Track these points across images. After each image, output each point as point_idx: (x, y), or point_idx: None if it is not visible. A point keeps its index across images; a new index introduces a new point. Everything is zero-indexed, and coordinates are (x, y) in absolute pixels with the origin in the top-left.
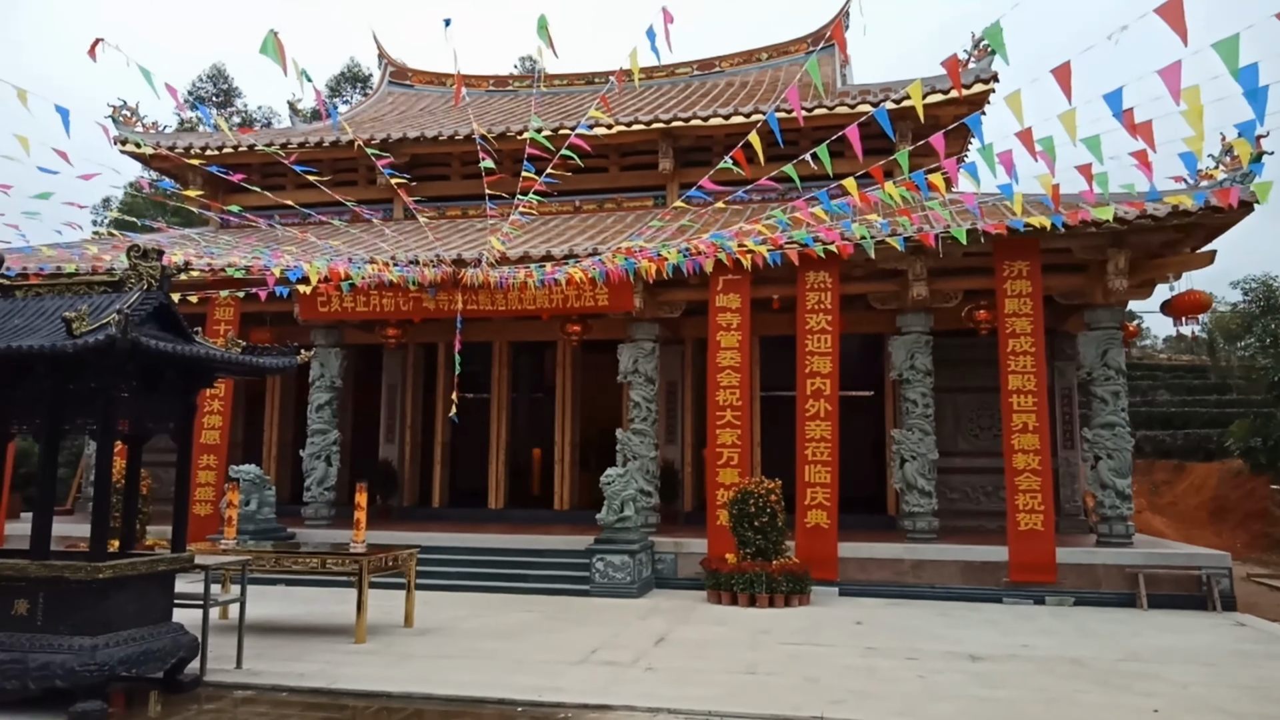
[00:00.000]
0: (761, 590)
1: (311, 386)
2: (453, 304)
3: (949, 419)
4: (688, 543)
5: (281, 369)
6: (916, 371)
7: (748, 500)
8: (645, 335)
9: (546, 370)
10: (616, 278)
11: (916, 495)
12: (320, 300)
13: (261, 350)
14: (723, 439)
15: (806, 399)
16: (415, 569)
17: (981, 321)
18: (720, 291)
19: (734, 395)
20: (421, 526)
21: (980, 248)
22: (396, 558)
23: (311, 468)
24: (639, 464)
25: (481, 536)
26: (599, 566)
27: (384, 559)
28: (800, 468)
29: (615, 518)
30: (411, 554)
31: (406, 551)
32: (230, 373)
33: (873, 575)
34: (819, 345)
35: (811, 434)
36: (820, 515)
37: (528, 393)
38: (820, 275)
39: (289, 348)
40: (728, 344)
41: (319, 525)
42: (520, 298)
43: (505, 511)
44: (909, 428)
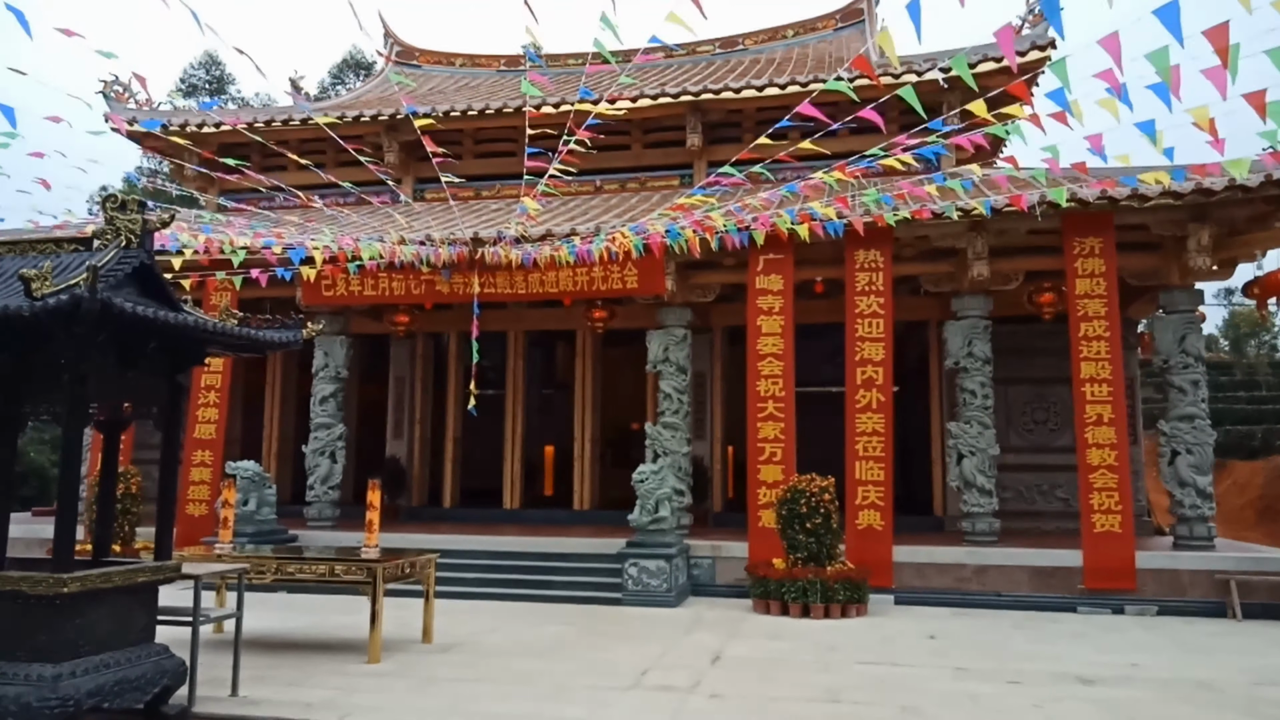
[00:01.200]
0: (816, 599)
1: (315, 377)
2: (468, 287)
3: (1000, 412)
4: (726, 546)
5: (284, 344)
6: (974, 359)
7: (798, 500)
8: (676, 321)
9: (563, 363)
10: (656, 247)
11: (976, 494)
12: (325, 284)
13: (262, 323)
14: (764, 433)
15: (857, 389)
16: (434, 575)
17: (1045, 305)
18: (761, 273)
19: (776, 385)
20: (432, 528)
21: (1046, 224)
22: (414, 564)
23: (315, 465)
24: (670, 460)
25: (499, 539)
26: (632, 572)
27: (401, 565)
28: (850, 464)
29: (649, 519)
30: (430, 560)
31: (425, 557)
32: (225, 348)
33: (931, 582)
34: (870, 330)
35: (863, 427)
36: (873, 516)
37: (544, 386)
38: (871, 254)
39: (294, 320)
40: (769, 329)
41: (323, 526)
42: (542, 280)
43: (521, 512)
44: (966, 420)
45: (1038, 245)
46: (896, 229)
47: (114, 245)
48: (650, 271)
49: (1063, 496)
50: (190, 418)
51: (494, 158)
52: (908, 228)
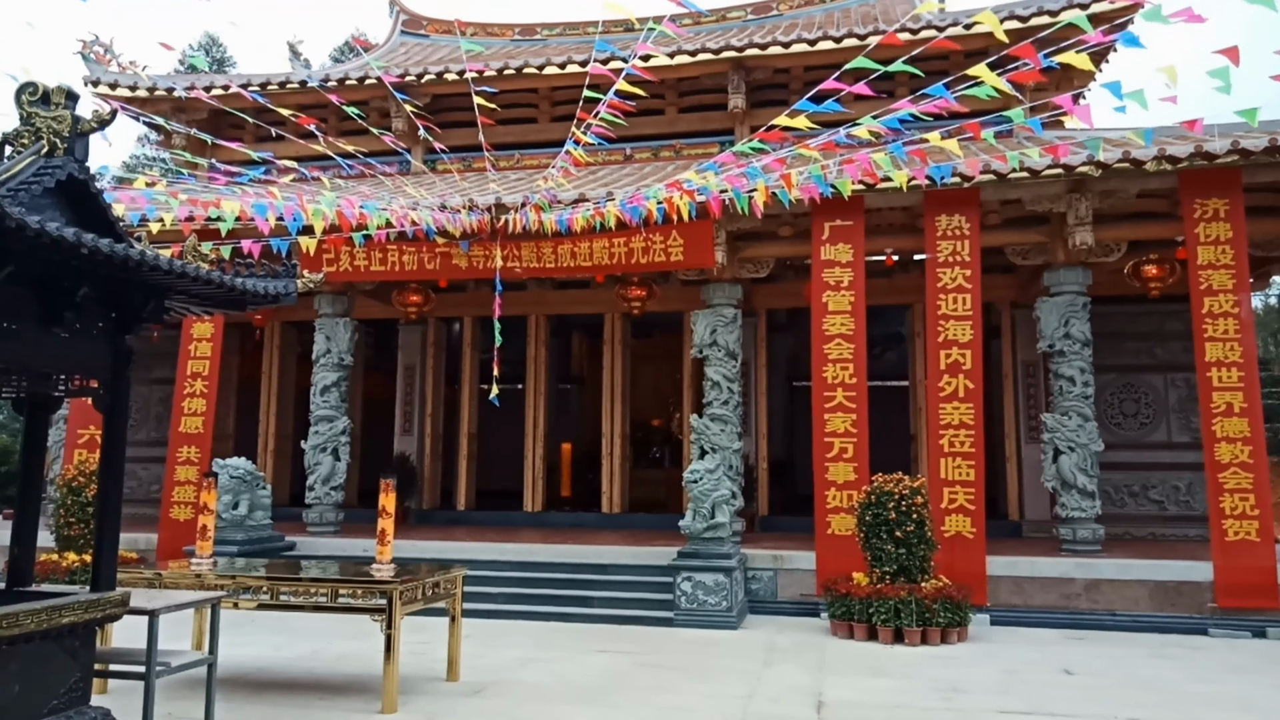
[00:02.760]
0: (911, 622)
1: (316, 364)
2: (489, 261)
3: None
4: (789, 556)
5: (273, 298)
6: (1072, 341)
7: (885, 503)
8: (726, 299)
9: (590, 352)
10: (714, 205)
11: (1076, 496)
12: (327, 257)
13: (242, 269)
14: (832, 426)
15: (940, 375)
16: (461, 595)
17: (1152, 280)
18: (827, 241)
19: (846, 371)
20: (446, 533)
21: (1160, 185)
22: (439, 584)
23: (316, 462)
24: (720, 457)
25: (523, 547)
26: (685, 588)
27: (422, 586)
28: (934, 462)
29: (704, 525)
30: (457, 577)
31: (452, 574)
32: (193, 300)
33: (1032, 599)
34: (955, 307)
35: (948, 419)
36: (963, 522)
37: (568, 378)
38: (955, 220)
39: (286, 266)
40: (837, 307)
41: (325, 532)
42: (573, 252)
43: (544, 515)
44: (1064, 411)
45: (1146, 211)
46: (984, 191)
47: (31, 152)
48: (698, 241)
49: (1156, 499)
50: (175, 409)
51: (513, 124)
52: (997, 189)
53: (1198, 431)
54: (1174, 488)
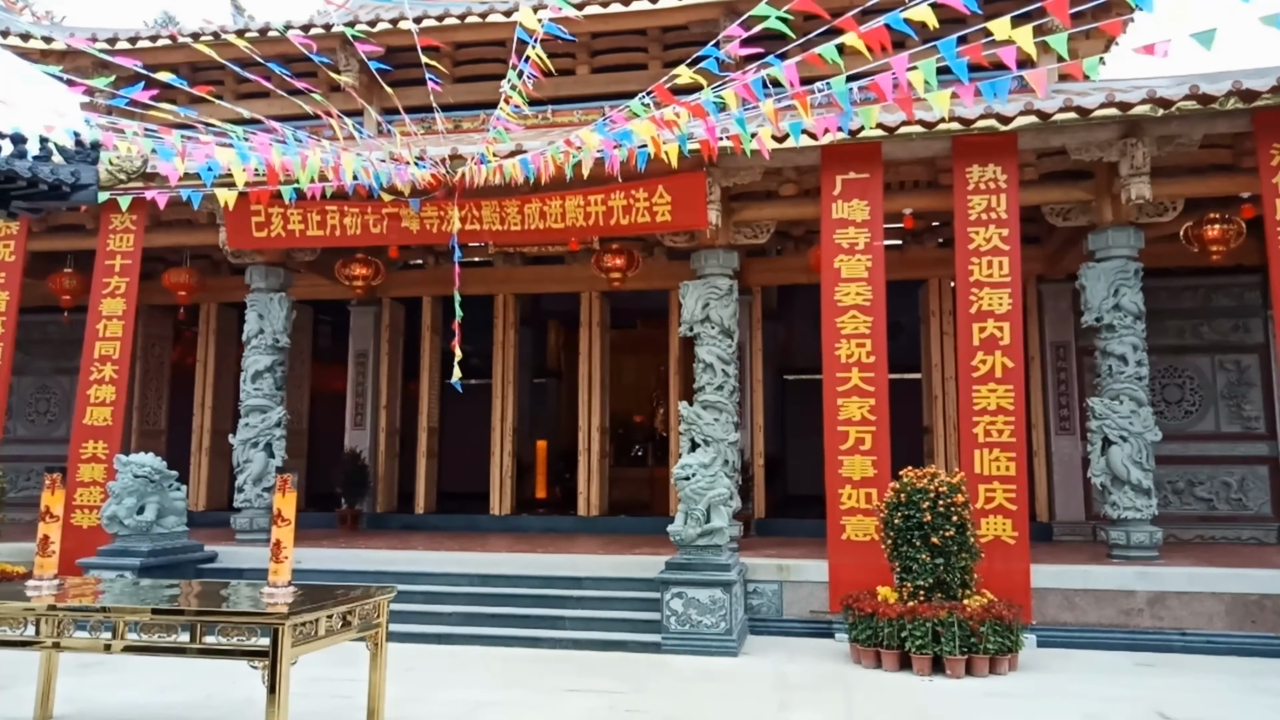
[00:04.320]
0: (953, 648)
1: (246, 347)
2: (445, 223)
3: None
4: (796, 565)
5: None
6: (1123, 313)
7: (917, 504)
8: (720, 268)
9: (565, 338)
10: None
11: (1130, 494)
12: (256, 219)
13: None
14: (847, 412)
15: (973, 353)
16: (388, 616)
17: (1213, 244)
18: (839, 198)
19: (863, 349)
20: (401, 540)
21: (1227, 128)
22: (351, 611)
23: (245, 459)
24: (716, 451)
25: (488, 556)
26: (676, 606)
27: (321, 620)
28: (966, 455)
29: (698, 530)
30: (382, 602)
31: (374, 599)
32: None
33: (1085, 615)
34: (990, 273)
35: (983, 403)
36: (1002, 525)
37: (540, 367)
38: (989, 172)
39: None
40: (852, 273)
41: (256, 540)
42: (542, 212)
43: (513, 519)
44: (1114, 395)
45: (1208, 164)
46: (1022, 138)
47: None
48: (689, 199)
49: (1204, 496)
50: (80, 398)
51: (479, 81)
52: (1038, 135)
53: (1250, 420)
54: (1223, 484)
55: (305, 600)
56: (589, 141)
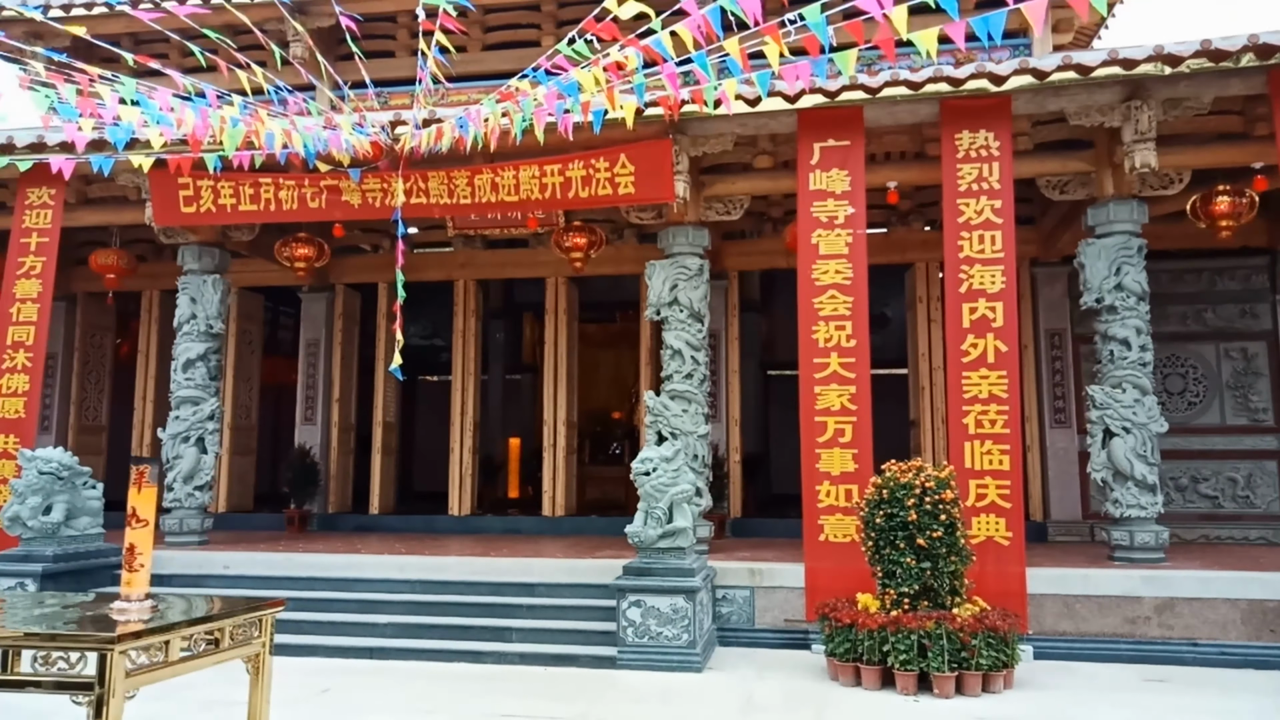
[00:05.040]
0: (941, 665)
1: (178, 334)
2: (389, 196)
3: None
4: (769, 569)
5: None
6: (1126, 294)
7: (901, 500)
8: (689, 247)
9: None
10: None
11: (1133, 490)
12: (183, 193)
13: None
14: (825, 401)
15: (963, 336)
16: (272, 641)
17: (1222, 219)
18: (817, 167)
19: (842, 332)
20: (348, 543)
21: (1240, 90)
22: (219, 630)
23: (175, 455)
24: (682, 444)
25: (432, 561)
26: (633, 615)
27: (171, 642)
28: (956, 447)
29: (659, 531)
30: (265, 617)
31: (256, 613)
32: None
33: (1086, 624)
34: (982, 248)
35: (973, 391)
36: (995, 524)
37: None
38: (981, 138)
39: None
40: (831, 249)
41: (186, 544)
42: (495, 183)
43: (474, 520)
44: (1116, 383)
45: (1217, 131)
46: (1016, 102)
47: None
48: (653, 169)
49: (1208, 493)
50: None
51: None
52: (1034, 99)
53: (1258, 412)
54: (1229, 480)
55: (160, 618)
56: (533, 97)
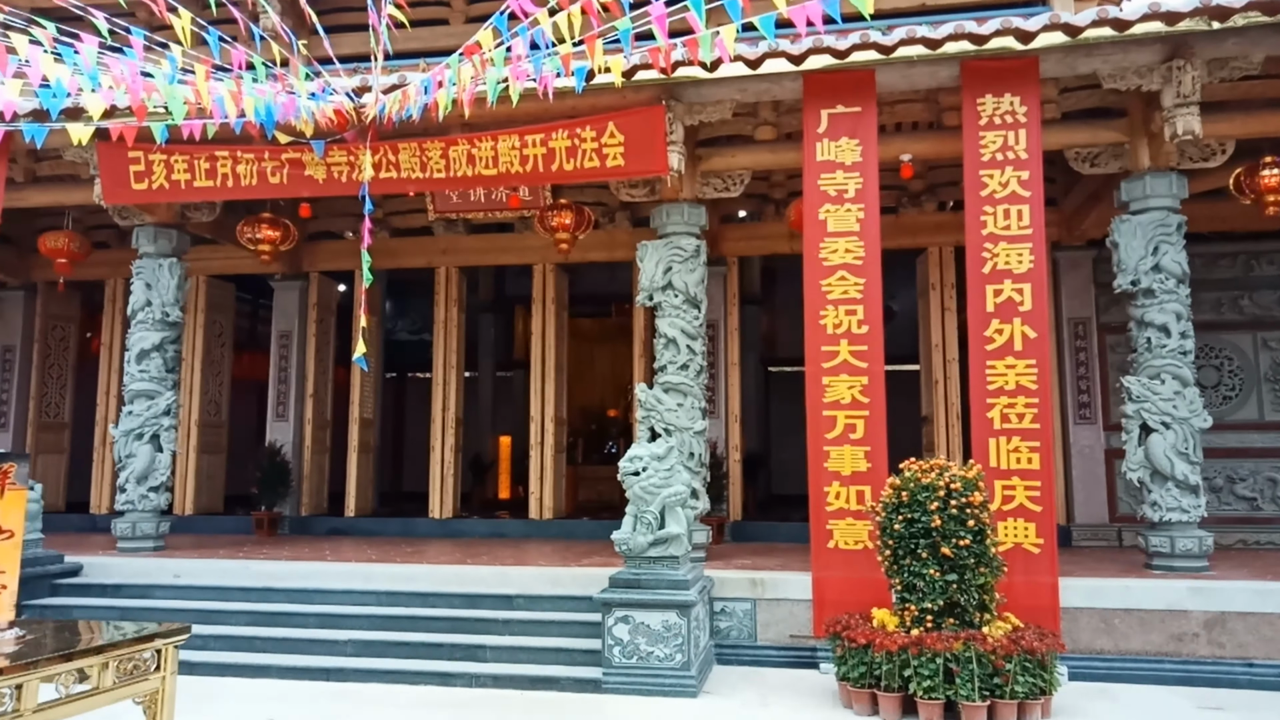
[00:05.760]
0: (971, 692)
1: (132, 321)
2: (356, 170)
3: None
4: (773, 580)
5: None
6: (1165, 275)
7: (923, 503)
8: (684, 226)
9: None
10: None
11: (1174, 491)
12: (134, 168)
13: None
14: (834, 393)
15: (987, 321)
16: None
17: (1270, 194)
18: (825, 136)
19: (853, 317)
20: (318, 550)
21: None
22: (100, 666)
23: (128, 454)
24: (677, 441)
25: (405, 569)
26: (620, 633)
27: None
28: (979, 444)
29: (650, 538)
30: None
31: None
32: None
33: (1127, 641)
34: (1008, 224)
35: (998, 382)
36: (1024, 530)
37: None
38: (1006, 103)
39: None
40: (840, 226)
41: (139, 550)
42: (471, 155)
43: (456, 523)
44: (1154, 374)
45: (1264, 96)
46: (1045, 63)
47: None
48: (645, 138)
49: (1246, 495)
50: None
51: (420, 27)
52: (1064, 59)
53: None
54: (1269, 480)
55: (22, 653)
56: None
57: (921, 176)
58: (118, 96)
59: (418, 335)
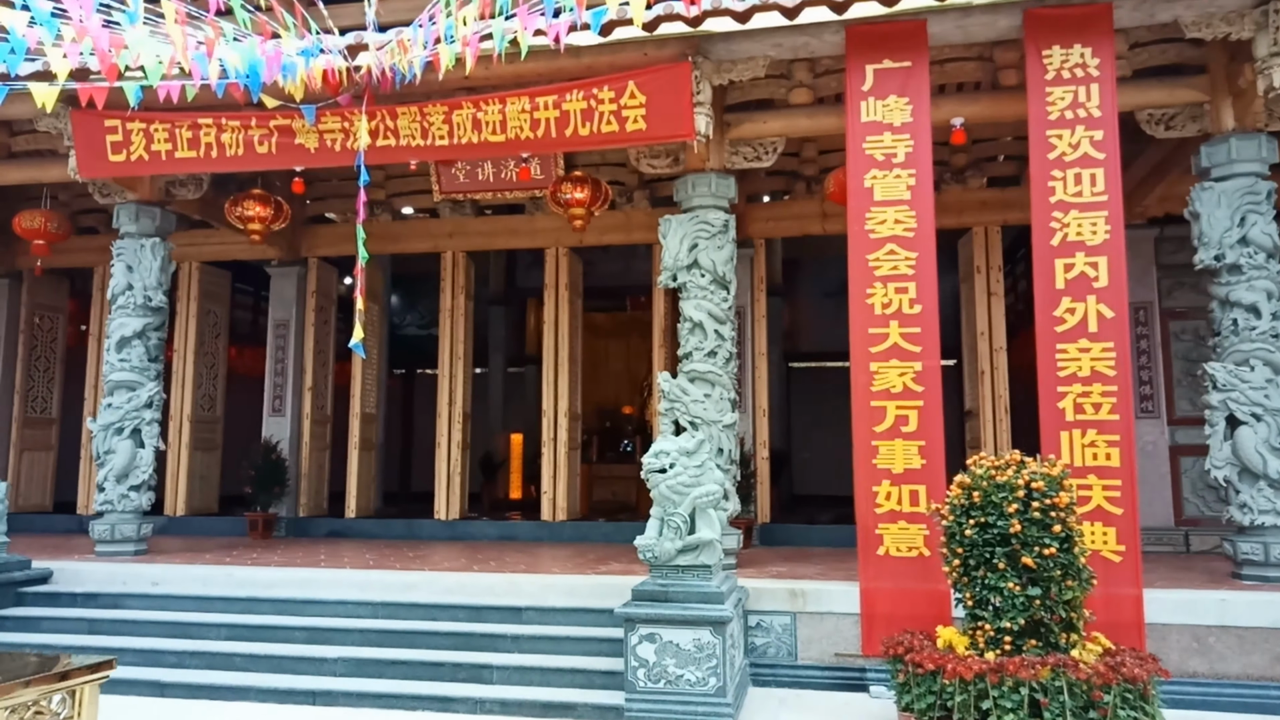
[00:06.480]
0: None
1: (112, 306)
2: (351, 138)
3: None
4: (815, 591)
5: None
6: (1253, 249)
7: (1000, 505)
8: (711, 199)
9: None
10: None
11: (1267, 492)
12: (111, 138)
13: None
14: (883, 381)
15: (1056, 299)
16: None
17: None
18: (870, 94)
19: (904, 295)
20: (312, 555)
21: None
22: None
23: (107, 450)
24: (706, 435)
25: (404, 577)
26: (645, 653)
27: None
28: (1049, 437)
29: (678, 544)
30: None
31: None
32: None
33: (1224, 664)
34: (1079, 190)
35: (1071, 368)
36: (1102, 536)
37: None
38: (1075, 55)
39: None
40: (889, 194)
41: (118, 553)
42: (477, 120)
43: (463, 525)
44: (1242, 359)
45: None
46: (1119, 9)
47: None
48: (669, 98)
49: None
50: None
51: None
52: (1141, 5)
53: None
54: None
55: None
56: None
57: (965, 150)
58: (85, 52)
59: (425, 330)
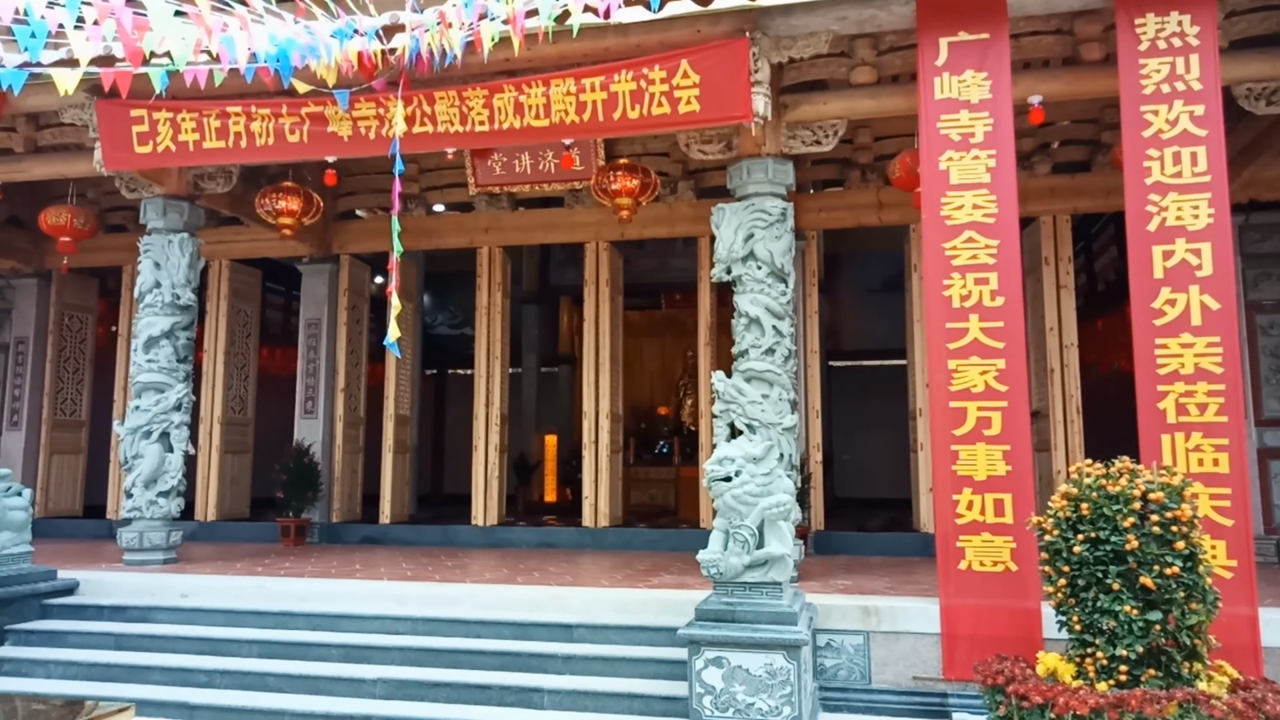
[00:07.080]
0: None
1: (139, 305)
2: (386, 125)
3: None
4: (889, 608)
5: None
6: None
7: (1111, 519)
8: (768, 186)
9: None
10: None
11: None
12: (138, 129)
13: None
14: (963, 380)
15: (1154, 289)
16: None
17: None
18: (945, 70)
19: (984, 287)
20: (347, 564)
21: None
22: None
23: (135, 454)
24: (770, 439)
25: (445, 590)
26: (711, 678)
27: None
28: (1148, 442)
29: (745, 559)
30: None
31: None
32: None
33: None
34: (1179, 170)
35: (1172, 365)
36: (1211, 549)
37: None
38: (1173, 23)
39: None
40: (965, 177)
41: (147, 562)
42: (519, 104)
43: (499, 532)
44: None
45: None
46: None
47: None
48: (724, 77)
49: None
50: None
51: None
52: None
53: None
54: None
55: None
56: None
57: (1031, 134)
58: (107, 36)
59: (459, 330)
